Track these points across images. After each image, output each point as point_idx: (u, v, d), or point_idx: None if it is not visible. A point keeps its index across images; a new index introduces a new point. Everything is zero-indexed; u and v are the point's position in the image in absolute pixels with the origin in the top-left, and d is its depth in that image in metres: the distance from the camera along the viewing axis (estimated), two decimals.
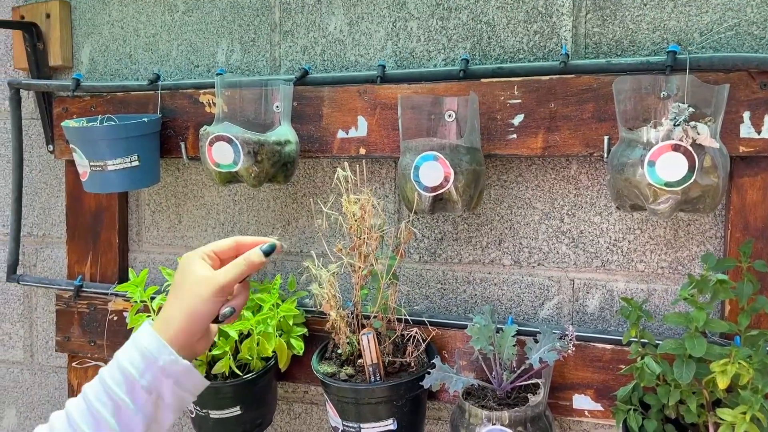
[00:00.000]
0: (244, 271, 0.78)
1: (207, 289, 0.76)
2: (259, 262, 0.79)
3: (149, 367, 0.73)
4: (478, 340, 1.03)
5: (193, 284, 0.77)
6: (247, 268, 0.78)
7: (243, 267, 0.78)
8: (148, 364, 0.73)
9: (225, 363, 1.12)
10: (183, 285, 0.78)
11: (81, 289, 1.44)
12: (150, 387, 0.73)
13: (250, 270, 0.79)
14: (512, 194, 1.22)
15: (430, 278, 1.28)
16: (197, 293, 0.76)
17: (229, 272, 0.78)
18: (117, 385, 0.73)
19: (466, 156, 1.06)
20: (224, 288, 0.77)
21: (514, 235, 1.23)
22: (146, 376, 0.73)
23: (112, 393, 0.72)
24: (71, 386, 1.49)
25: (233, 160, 1.13)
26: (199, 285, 0.76)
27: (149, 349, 0.74)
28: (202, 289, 0.76)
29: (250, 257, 0.79)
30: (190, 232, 1.43)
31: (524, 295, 1.23)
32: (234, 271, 0.78)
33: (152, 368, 0.73)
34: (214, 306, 0.77)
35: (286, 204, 1.36)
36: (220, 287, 0.76)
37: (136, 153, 1.25)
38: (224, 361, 1.12)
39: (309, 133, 1.25)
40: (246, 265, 0.78)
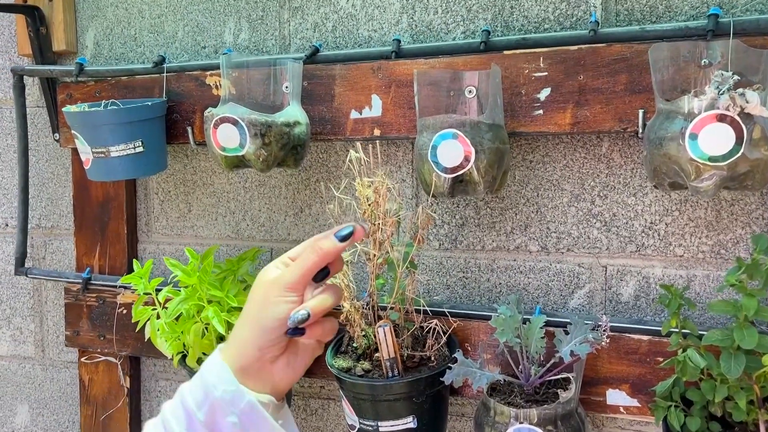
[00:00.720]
0: (313, 261, 0.64)
1: (272, 290, 0.64)
2: (332, 248, 0.65)
3: (207, 398, 0.63)
4: (503, 332, 0.95)
5: (260, 292, 0.65)
6: (317, 257, 0.64)
7: (311, 256, 0.64)
8: (206, 394, 0.63)
9: None
10: (252, 297, 0.66)
11: (89, 281, 1.39)
12: (207, 422, 0.63)
13: (322, 259, 0.65)
14: (539, 175, 1.14)
15: (451, 266, 1.20)
16: (263, 299, 0.64)
17: (295, 266, 0.65)
18: (177, 421, 0.63)
19: (488, 133, 0.98)
20: (291, 285, 0.64)
21: (541, 219, 1.14)
22: (203, 408, 0.63)
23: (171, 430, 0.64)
24: (82, 382, 1.45)
25: (239, 143, 1.06)
26: (266, 289, 0.65)
27: (209, 377, 0.64)
28: (268, 293, 0.64)
29: (319, 243, 0.65)
30: (200, 221, 1.37)
31: (552, 284, 1.15)
32: (300, 264, 0.65)
33: (209, 400, 0.63)
34: (282, 309, 0.63)
35: (298, 190, 1.29)
36: (284, 284, 0.64)
37: (140, 138, 1.19)
38: None
39: (320, 114, 1.18)
40: (315, 253, 0.64)
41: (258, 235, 1.33)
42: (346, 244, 0.66)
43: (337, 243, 0.65)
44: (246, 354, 0.64)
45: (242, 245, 1.34)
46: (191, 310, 1.05)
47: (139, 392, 1.45)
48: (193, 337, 1.05)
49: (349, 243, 0.66)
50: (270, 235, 1.32)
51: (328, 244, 0.65)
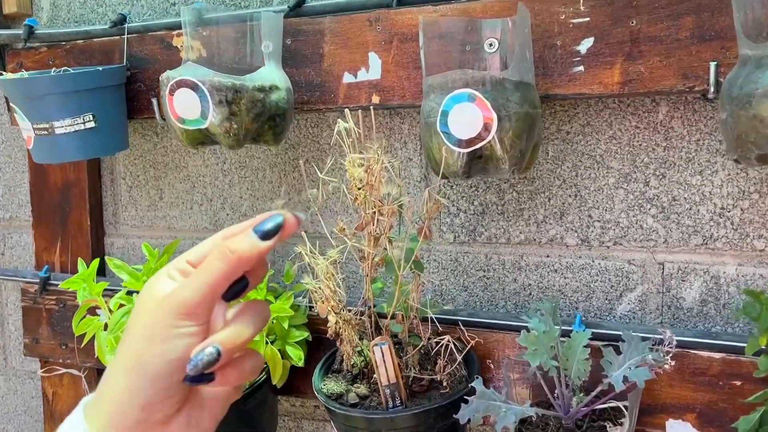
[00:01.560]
0: (222, 272, 0.44)
1: (161, 317, 0.44)
2: (249, 251, 0.45)
3: None
4: (535, 353, 0.73)
5: (142, 319, 0.45)
6: (228, 265, 0.45)
7: (218, 264, 0.45)
8: None
9: None
10: (131, 325, 0.46)
11: (48, 281, 1.20)
12: None
13: (234, 268, 0.45)
14: (578, 150, 0.91)
15: (468, 264, 0.98)
16: (147, 330, 0.45)
17: (196, 279, 0.45)
18: None
19: (514, 94, 0.76)
20: (188, 308, 0.44)
21: (581, 204, 0.92)
22: None
23: None
24: (46, 396, 1.26)
25: (201, 114, 0.85)
26: (151, 315, 0.45)
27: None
28: (155, 321, 0.45)
29: (230, 245, 0.45)
30: (173, 210, 1.17)
31: (595, 285, 0.92)
32: (203, 277, 0.45)
33: None
34: (176, 346, 0.44)
35: (285, 172, 1.08)
36: (178, 308, 0.44)
37: (90, 111, 0.99)
38: None
39: (307, 78, 0.96)
40: (224, 260, 0.45)
41: None
42: (270, 243, 0.45)
43: (258, 242, 0.44)
44: (124, 414, 0.43)
45: None
46: None
47: None
48: None
49: (275, 241, 0.45)
50: None
51: (243, 246, 0.44)
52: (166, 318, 0.44)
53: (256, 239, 0.44)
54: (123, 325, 0.80)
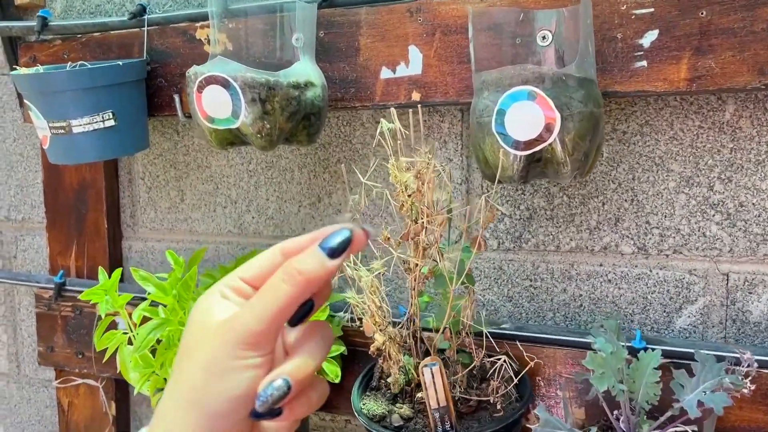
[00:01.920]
0: (290, 296, 0.40)
1: (222, 348, 0.40)
2: (318, 272, 0.41)
3: None
4: (602, 376, 0.67)
5: (202, 351, 0.41)
6: (297, 288, 0.40)
7: (286, 289, 0.40)
8: None
9: None
10: (185, 355, 0.42)
11: (63, 287, 1.14)
12: None
13: (303, 291, 0.41)
14: (635, 151, 0.85)
15: (513, 272, 0.92)
16: (208, 362, 0.40)
17: (261, 305, 0.40)
18: None
19: (577, 92, 0.69)
20: (254, 338, 0.40)
21: (638, 210, 0.85)
22: None
23: None
24: (61, 407, 1.21)
25: (232, 112, 0.79)
26: (211, 346, 0.40)
27: None
28: (215, 352, 0.40)
29: (298, 266, 0.41)
30: (195, 212, 1.11)
31: (653, 297, 0.86)
32: (269, 302, 0.40)
33: None
34: (242, 380, 0.40)
35: (315, 173, 1.02)
36: (243, 338, 0.40)
37: (110, 109, 0.92)
38: None
39: (341, 74, 0.90)
40: (292, 283, 0.40)
41: (265, 231, 1.06)
42: (339, 262, 0.41)
43: (326, 261, 0.41)
44: None
45: (247, 243, 1.07)
46: (172, 336, 0.78)
47: (128, 419, 1.20)
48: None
49: (344, 258, 0.42)
50: (280, 230, 1.05)
51: (311, 266, 0.40)
52: (228, 349, 0.39)
53: (324, 257, 0.40)
54: (150, 342, 0.74)
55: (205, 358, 0.40)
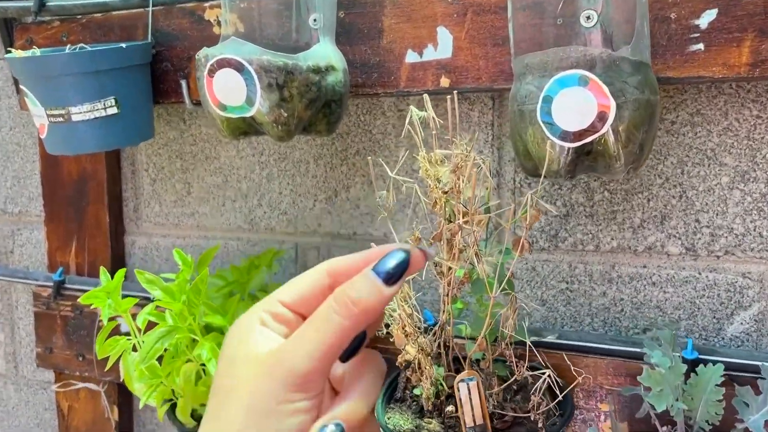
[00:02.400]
0: (342, 329, 0.36)
1: (268, 388, 0.35)
2: (375, 302, 0.36)
3: None
4: (660, 394, 0.60)
5: (243, 381, 0.36)
6: (350, 321, 0.36)
7: (339, 321, 0.36)
8: None
9: None
10: (227, 384, 0.37)
11: (62, 285, 1.08)
12: None
13: (357, 324, 0.36)
14: (684, 143, 0.78)
15: (548, 274, 0.85)
16: (251, 404, 0.35)
17: (309, 340, 0.36)
18: None
19: (633, 77, 0.62)
20: (302, 377, 0.35)
21: (687, 207, 0.78)
22: None
23: None
24: (61, 411, 1.14)
25: (246, 99, 0.72)
26: (255, 382, 0.36)
27: None
28: (260, 391, 0.36)
29: (352, 295, 0.36)
30: (202, 206, 1.04)
31: (702, 302, 0.79)
32: (319, 337, 0.36)
33: None
34: (287, 424, 0.35)
35: (332, 166, 0.95)
36: (292, 379, 0.35)
37: (112, 95, 0.85)
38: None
39: (363, 57, 0.83)
40: (344, 315, 0.36)
41: (278, 227, 0.99)
42: (396, 289, 0.37)
43: (383, 288, 0.37)
44: None
45: (258, 239, 1.01)
46: (181, 344, 0.72)
47: (132, 424, 1.14)
48: (183, 383, 0.72)
49: (401, 284, 0.37)
50: (294, 226, 0.98)
51: (366, 294, 0.36)
52: (274, 390, 0.35)
53: (380, 284, 0.36)
54: (158, 352, 0.68)
55: (249, 399, 0.35)
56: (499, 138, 0.86)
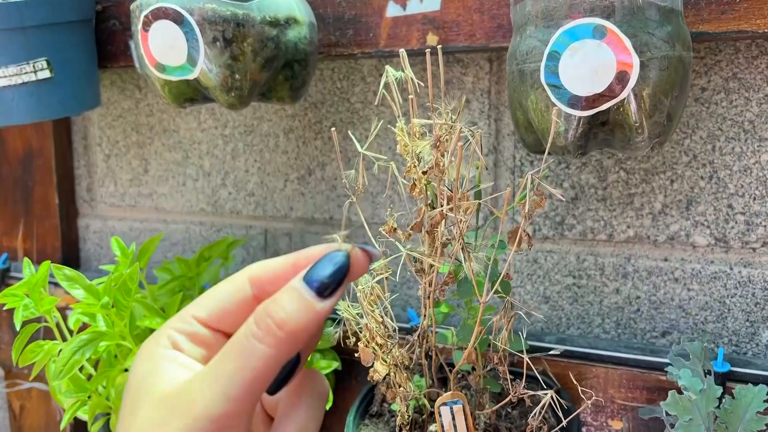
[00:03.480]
0: (266, 360, 0.29)
1: (168, 430, 0.28)
2: (303, 322, 0.29)
3: None
4: (689, 425, 0.48)
5: (145, 427, 0.29)
6: (275, 349, 0.29)
7: (260, 351, 0.29)
8: None
9: None
10: (127, 427, 0.30)
11: (7, 273, 0.96)
12: None
13: (285, 352, 0.29)
14: (716, 113, 0.65)
15: (552, 267, 0.73)
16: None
17: (224, 376, 0.29)
18: None
19: (661, 28, 0.49)
20: (218, 422, 0.28)
21: (719, 190, 0.66)
22: None
23: None
24: (13, 411, 1.04)
25: (188, 58, 0.59)
26: (159, 428, 0.29)
27: None
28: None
29: (274, 315, 0.29)
30: (161, 185, 0.92)
31: (733, 301, 0.67)
32: (236, 371, 0.29)
33: None
34: None
35: (305, 140, 0.82)
36: (203, 424, 0.28)
37: (43, 56, 0.73)
38: None
39: (336, 11, 0.70)
40: (268, 342, 0.29)
41: (245, 210, 0.87)
42: (333, 301, 0.30)
43: (316, 303, 0.30)
44: None
45: (222, 223, 0.89)
46: (112, 351, 0.60)
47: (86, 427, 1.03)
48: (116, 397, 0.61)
49: (339, 296, 0.31)
50: (262, 209, 0.86)
51: (294, 314, 0.29)
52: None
53: (312, 297, 0.29)
54: (77, 364, 0.56)
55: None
56: (497, 107, 0.73)
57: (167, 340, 0.32)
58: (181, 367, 0.31)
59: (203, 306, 0.33)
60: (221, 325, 0.33)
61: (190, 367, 0.31)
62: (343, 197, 0.81)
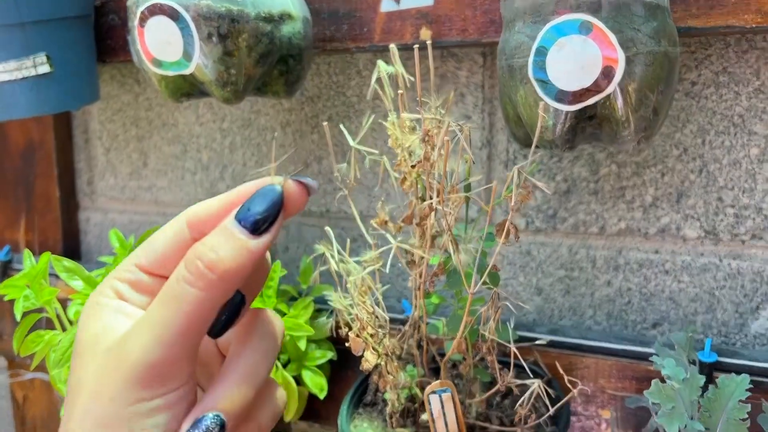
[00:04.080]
0: (198, 303, 0.28)
1: (114, 388, 0.28)
2: (235, 262, 0.29)
3: None
4: (672, 413, 0.49)
5: (87, 380, 0.29)
6: (206, 291, 0.28)
7: (192, 295, 0.28)
8: None
9: None
10: (73, 384, 0.30)
11: (9, 265, 0.98)
12: None
13: (217, 293, 0.29)
14: (707, 107, 0.66)
15: (545, 259, 0.74)
16: (97, 407, 0.28)
17: (159, 322, 0.29)
18: None
19: (647, 23, 0.50)
20: (155, 370, 0.28)
21: (709, 183, 0.67)
22: None
23: None
24: (16, 401, 1.05)
25: (183, 53, 0.60)
26: (99, 381, 0.29)
27: None
28: (106, 393, 0.28)
29: (204, 257, 0.28)
30: (160, 179, 0.93)
31: (722, 293, 0.68)
32: (169, 316, 0.28)
33: None
34: (145, 425, 0.28)
35: (301, 133, 0.83)
36: (139, 374, 0.28)
37: (43, 51, 0.74)
38: None
39: (331, 6, 0.71)
40: (198, 285, 0.28)
41: None
42: (267, 240, 0.29)
43: (248, 242, 0.29)
44: None
45: None
46: None
47: None
48: None
49: (275, 233, 0.30)
50: None
51: (227, 253, 0.29)
52: (122, 390, 0.28)
53: (245, 236, 0.29)
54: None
55: (93, 404, 0.28)
56: (490, 101, 0.74)
57: (111, 291, 0.31)
58: (125, 317, 0.30)
59: (144, 253, 0.32)
60: (163, 271, 0.32)
61: (134, 315, 0.31)
62: (339, 190, 0.82)
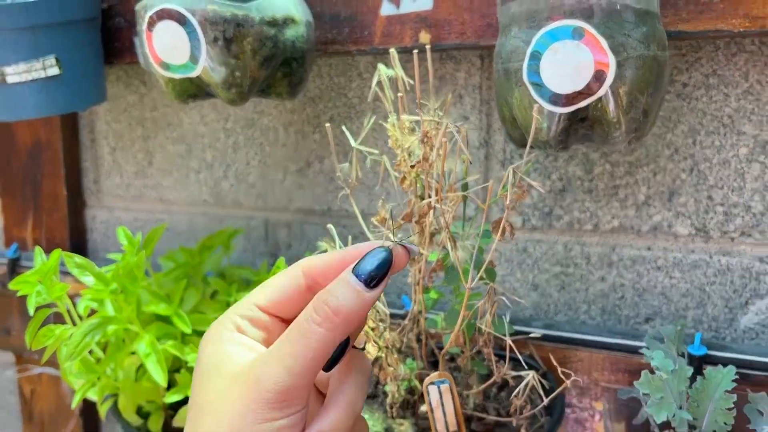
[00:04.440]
0: (324, 341, 0.34)
1: (248, 405, 0.33)
2: (354, 308, 0.34)
3: None
4: (661, 403, 0.51)
5: (220, 397, 0.34)
6: (331, 331, 0.34)
7: (318, 333, 0.34)
8: None
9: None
10: (200, 402, 0.35)
11: (17, 263, 1.00)
12: None
13: (339, 333, 0.34)
14: (697, 108, 0.68)
15: (541, 256, 0.76)
16: (231, 420, 0.33)
17: (289, 354, 0.34)
18: None
19: (637, 29, 0.52)
20: (284, 394, 0.33)
21: (699, 182, 0.69)
22: None
23: None
24: (23, 395, 1.08)
25: (190, 57, 0.62)
26: (233, 399, 0.33)
27: None
28: (237, 409, 0.33)
29: (329, 302, 0.34)
30: (165, 178, 0.95)
31: (712, 289, 0.70)
32: (299, 350, 0.34)
33: None
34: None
35: (303, 134, 0.85)
36: (270, 395, 0.33)
37: (52, 53, 0.76)
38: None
39: (332, 9, 0.73)
40: (325, 326, 0.34)
41: (246, 201, 0.90)
42: (378, 292, 0.35)
43: (364, 293, 0.35)
44: None
45: (224, 214, 0.92)
46: (119, 336, 0.64)
47: (97, 410, 1.06)
48: (124, 378, 0.64)
49: (384, 286, 0.35)
50: (264, 201, 0.89)
51: (347, 300, 0.34)
52: (253, 409, 0.33)
53: (361, 288, 0.34)
54: (87, 347, 0.59)
55: (226, 419, 0.33)
56: (488, 103, 0.76)
57: (232, 324, 0.36)
58: (245, 348, 0.35)
59: (263, 294, 0.37)
60: (278, 312, 0.37)
61: (253, 347, 0.36)
62: (341, 189, 0.84)
